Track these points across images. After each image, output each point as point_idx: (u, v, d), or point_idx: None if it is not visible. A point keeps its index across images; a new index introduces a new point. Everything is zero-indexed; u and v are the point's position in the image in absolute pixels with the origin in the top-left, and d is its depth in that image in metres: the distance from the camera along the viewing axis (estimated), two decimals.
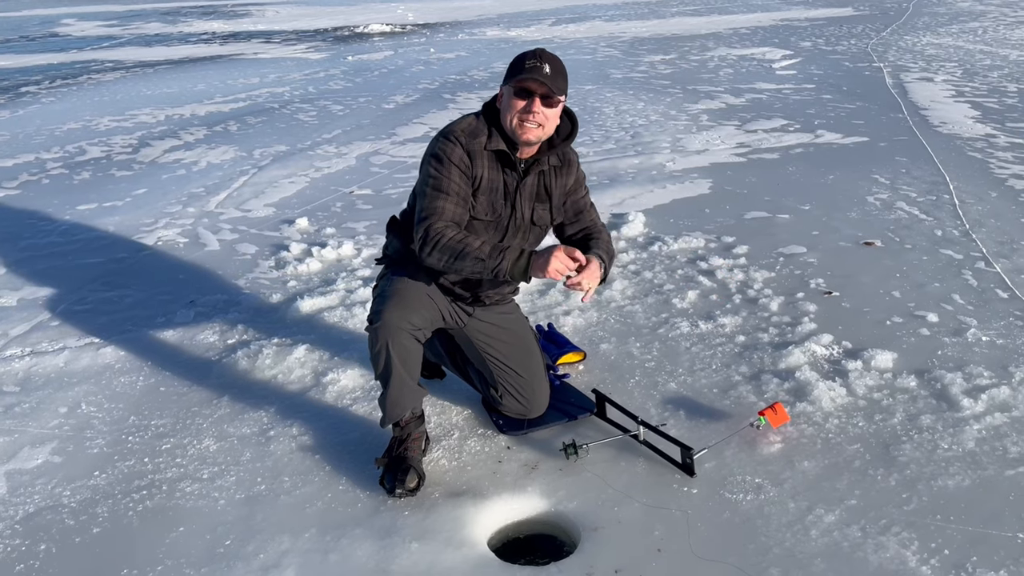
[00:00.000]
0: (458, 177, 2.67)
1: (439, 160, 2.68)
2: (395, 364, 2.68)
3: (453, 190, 2.66)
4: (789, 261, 4.53)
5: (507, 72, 2.71)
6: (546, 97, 2.66)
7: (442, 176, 2.66)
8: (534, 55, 2.66)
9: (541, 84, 2.62)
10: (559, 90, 2.67)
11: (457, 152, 2.67)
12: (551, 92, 2.64)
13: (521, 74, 2.63)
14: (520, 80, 2.63)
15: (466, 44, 17.68)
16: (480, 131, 2.72)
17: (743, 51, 14.34)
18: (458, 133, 2.70)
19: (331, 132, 8.89)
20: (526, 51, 2.71)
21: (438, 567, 2.36)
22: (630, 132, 8.18)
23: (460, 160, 2.68)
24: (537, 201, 2.85)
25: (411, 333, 2.69)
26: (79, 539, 2.57)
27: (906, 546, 2.34)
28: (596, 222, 2.98)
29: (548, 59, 2.67)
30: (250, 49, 18.27)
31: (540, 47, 2.73)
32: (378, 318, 2.68)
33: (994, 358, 3.35)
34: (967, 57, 12.63)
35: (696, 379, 3.31)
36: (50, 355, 3.80)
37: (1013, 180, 6.04)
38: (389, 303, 2.68)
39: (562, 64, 2.72)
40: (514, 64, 2.68)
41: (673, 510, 2.53)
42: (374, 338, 2.69)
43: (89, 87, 13.04)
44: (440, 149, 2.69)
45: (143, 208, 6.22)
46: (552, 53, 2.71)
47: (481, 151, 2.71)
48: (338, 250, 4.98)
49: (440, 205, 2.65)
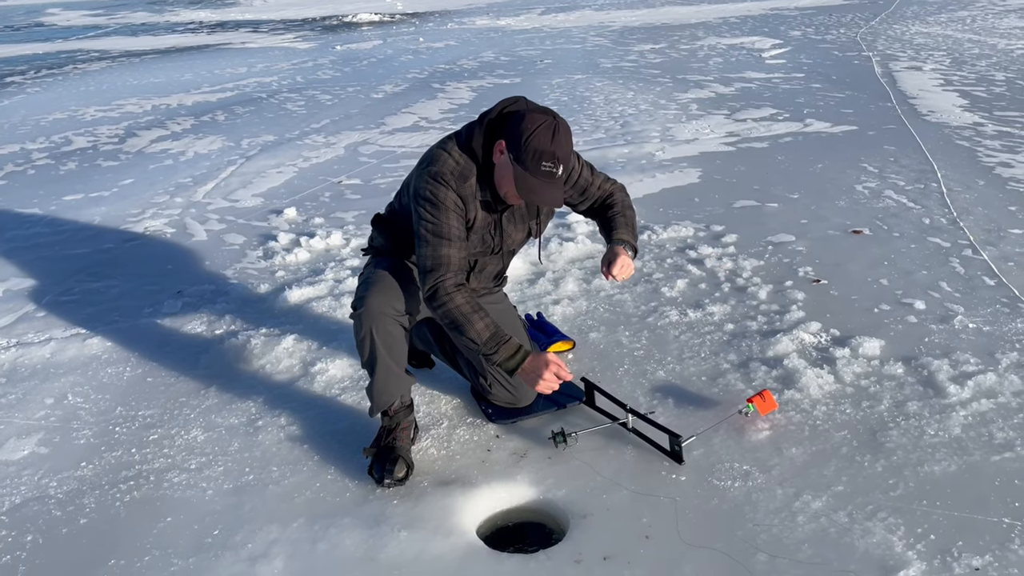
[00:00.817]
0: (455, 221, 2.63)
1: (434, 205, 2.60)
2: (380, 351, 2.67)
3: (454, 235, 2.62)
4: (778, 249, 4.53)
5: (514, 141, 2.50)
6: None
7: (440, 222, 2.60)
8: (553, 157, 2.47)
9: (550, 201, 2.57)
10: (560, 199, 2.61)
11: (451, 196, 2.60)
12: (553, 207, 2.63)
13: (532, 178, 2.50)
14: (529, 193, 2.53)
15: (455, 33, 17.61)
16: (468, 174, 2.63)
17: (733, 40, 14.33)
18: (447, 176, 2.60)
19: (319, 122, 8.85)
20: (543, 128, 2.47)
21: (427, 556, 2.36)
22: (620, 121, 8.17)
23: (455, 204, 2.62)
24: (529, 219, 2.87)
25: (395, 319, 2.68)
26: (66, 530, 2.55)
27: (892, 531, 2.35)
28: (604, 187, 2.94)
29: (563, 156, 2.50)
30: (238, 38, 18.15)
31: (558, 122, 2.50)
32: (361, 304, 2.67)
33: (980, 345, 3.37)
34: (955, 46, 12.66)
35: (685, 367, 3.31)
36: (36, 346, 3.78)
37: (1000, 168, 6.06)
38: (372, 289, 2.68)
39: (572, 148, 2.57)
40: (529, 149, 2.47)
41: (661, 497, 2.54)
42: (358, 324, 2.69)
43: (75, 77, 12.94)
44: (432, 193, 2.60)
45: (130, 198, 6.18)
46: (566, 130, 2.52)
47: (471, 195, 2.65)
48: (326, 240, 4.96)
49: (445, 254, 2.60)
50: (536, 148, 2.47)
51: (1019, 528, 2.34)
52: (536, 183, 2.51)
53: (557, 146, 2.48)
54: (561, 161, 2.51)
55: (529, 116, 2.51)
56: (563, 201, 2.71)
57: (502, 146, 2.56)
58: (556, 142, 2.48)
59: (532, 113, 2.52)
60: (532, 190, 2.53)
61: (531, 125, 2.49)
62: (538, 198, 2.56)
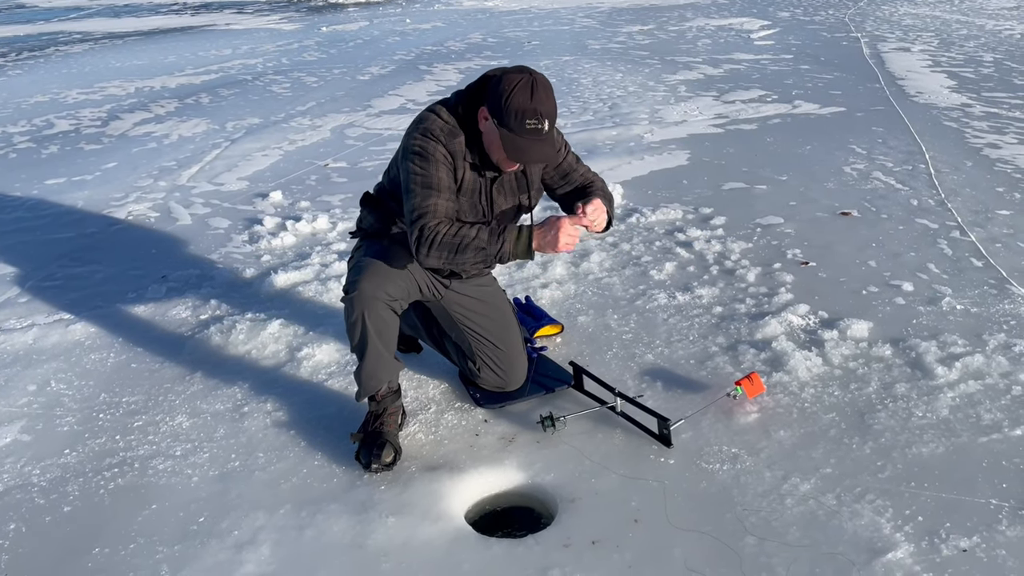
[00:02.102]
0: (445, 173, 2.59)
1: (423, 157, 2.57)
2: (371, 335, 2.65)
3: (443, 185, 2.58)
4: (766, 232, 4.52)
5: (494, 104, 2.47)
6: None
7: (429, 173, 2.57)
8: (535, 113, 2.42)
9: (541, 158, 2.52)
10: (553, 155, 2.57)
11: (440, 149, 2.58)
12: (548, 163, 2.58)
13: (519, 138, 2.46)
14: (518, 153, 2.49)
15: (442, 14, 17.46)
16: (457, 133, 2.60)
17: (721, 21, 14.27)
18: (436, 131, 2.58)
19: (305, 104, 8.76)
20: (521, 86, 2.43)
21: (415, 541, 2.35)
22: (608, 103, 8.12)
23: (444, 157, 2.59)
24: (519, 192, 2.81)
25: (387, 303, 2.66)
26: (49, 518, 2.53)
27: (880, 513, 2.35)
28: (586, 175, 2.91)
29: (547, 110, 2.45)
30: (222, 20, 17.95)
31: (535, 77, 2.46)
32: (354, 287, 2.64)
33: (968, 326, 3.37)
34: (944, 27, 12.65)
35: (673, 350, 3.30)
36: (18, 332, 3.73)
37: (988, 149, 6.07)
38: (365, 273, 2.65)
39: (554, 101, 2.51)
40: (510, 110, 2.44)
41: (650, 481, 2.53)
42: (350, 308, 2.66)
43: (57, 59, 12.76)
44: (421, 146, 2.58)
45: (113, 182, 6.11)
46: (544, 84, 2.47)
47: (461, 151, 2.61)
48: (313, 224, 4.91)
49: (432, 203, 2.56)
50: (517, 107, 2.43)
51: (1006, 509, 2.34)
52: (524, 142, 2.47)
53: (538, 102, 2.44)
54: (545, 116, 2.46)
55: (505, 77, 2.48)
56: (555, 157, 2.63)
57: (485, 112, 2.54)
58: (536, 98, 2.44)
59: (508, 74, 2.48)
60: (522, 150, 2.49)
61: (508, 86, 2.45)
62: (529, 157, 2.52)
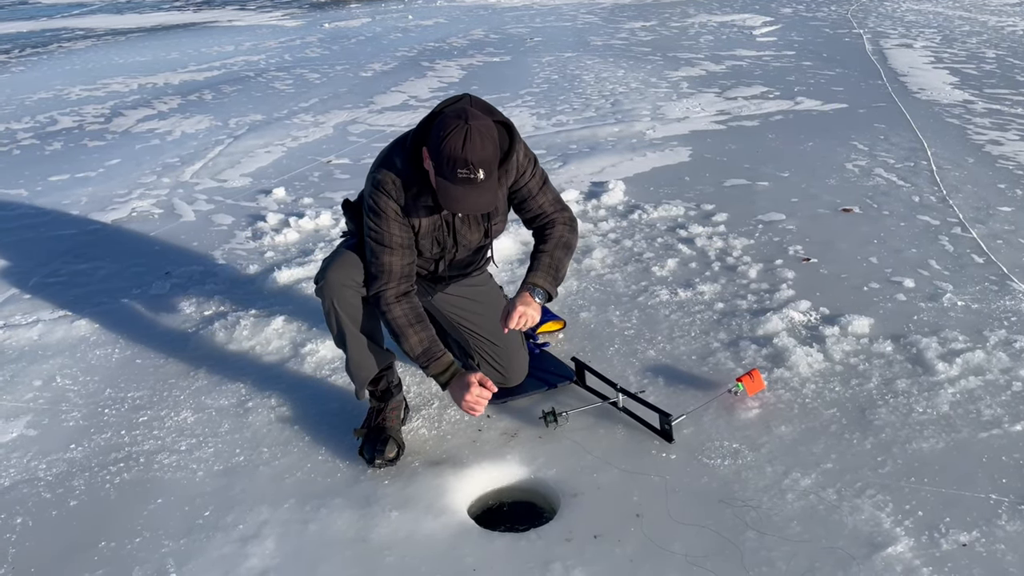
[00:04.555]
0: (397, 229, 2.61)
1: (376, 214, 2.59)
2: (345, 323, 2.67)
3: (395, 243, 2.61)
4: (768, 228, 4.53)
5: (432, 150, 2.39)
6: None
7: (382, 231, 2.60)
8: (466, 163, 2.33)
9: (475, 208, 2.47)
10: (491, 203, 2.49)
11: (391, 206, 2.58)
12: (486, 212, 2.58)
13: (453, 186, 2.38)
14: (452, 203, 2.43)
15: (445, 11, 17.45)
16: (410, 183, 2.56)
17: (724, 18, 14.25)
18: (388, 185, 2.56)
19: (308, 101, 8.77)
20: (455, 134, 2.32)
21: (418, 535, 2.36)
22: (610, 100, 8.13)
23: (395, 214, 2.59)
24: (483, 220, 2.76)
25: (356, 290, 2.67)
26: (56, 512, 2.55)
27: (881, 508, 2.36)
28: (545, 208, 2.79)
29: (480, 159, 2.34)
30: (224, 16, 17.95)
31: (469, 124, 2.33)
32: (322, 277, 2.68)
33: (969, 323, 3.38)
34: (946, 23, 12.63)
35: (675, 346, 3.31)
36: (23, 328, 3.75)
37: (990, 146, 6.06)
38: (333, 263, 2.69)
39: (494, 146, 2.40)
40: (443, 157, 2.35)
41: (652, 476, 2.55)
42: (321, 299, 2.69)
43: (60, 56, 12.78)
44: (375, 202, 2.58)
45: (116, 179, 6.13)
46: (480, 131, 2.35)
47: (412, 203, 2.60)
48: (316, 220, 4.93)
49: (386, 261, 2.62)
50: (449, 155, 2.34)
51: (1006, 504, 2.36)
52: (458, 191, 2.39)
53: (469, 151, 2.33)
54: (478, 165, 2.35)
55: (442, 121, 2.38)
56: (496, 204, 2.57)
57: (426, 153, 2.47)
58: (468, 147, 2.33)
59: (446, 118, 2.38)
60: (454, 199, 2.41)
61: (443, 132, 2.35)
62: (460, 206, 2.44)
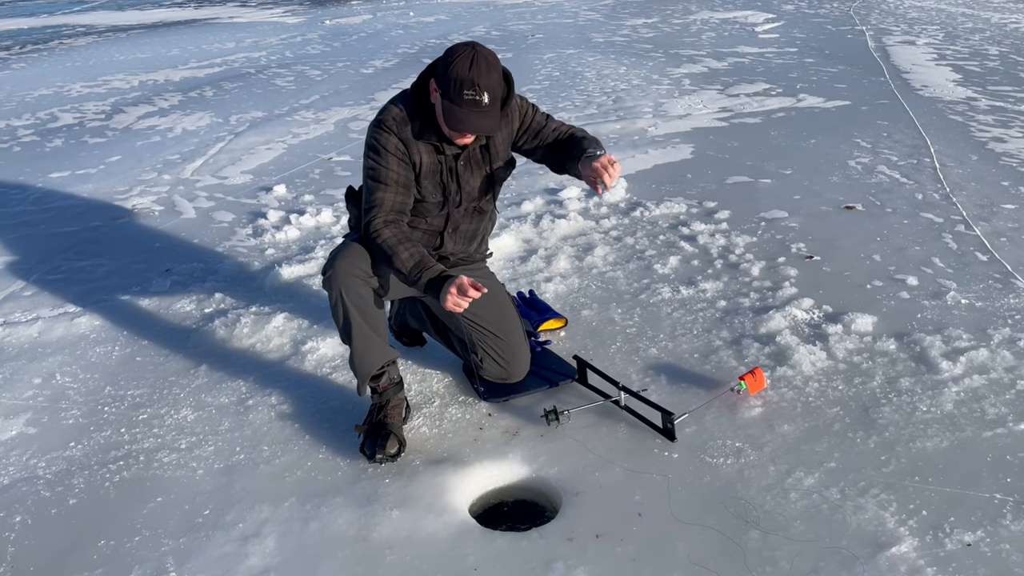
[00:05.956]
0: (396, 165, 2.64)
1: (375, 151, 2.65)
2: (352, 313, 2.66)
3: (392, 179, 2.64)
4: (771, 226, 4.51)
5: (440, 76, 2.51)
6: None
7: (380, 166, 2.64)
8: (473, 84, 2.45)
9: (477, 129, 2.54)
10: (495, 128, 2.57)
11: (392, 140, 2.63)
12: (488, 135, 2.59)
13: (458, 108, 2.48)
14: (456, 123, 2.52)
15: (446, 7, 17.43)
16: (411, 118, 2.64)
17: (726, 14, 14.22)
18: (389, 122, 2.64)
19: (309, 98, 8.76)
20: (461, 58, 2.46)
21: (419, 534, 2.35)
22: (612, 97, 8.11)
23: (396, 148, 2.64)
24: (484, 164, 2.81)
25: (364, 280, 2.67)
26: (55, 510, 2.53)
27: (884, 507, 2.35)
28: (560, 129, 2.89)
29: (486, 84, 2.47)
30: (225, 13, 17.93)
31: (476, 50, 2.48)
32: (329, 267, 2.67)
33: (973, 321, 3.37)
34: (949, 20, 12.60)
35: (677, 344, 3.30)
36: (23, 325, 3.74)
37: (993, 143, 6.05)
38: (341, 253, 2.69)
39: (499, 75, 2.53)
40: (449, 80, 2.47)
41: (654, 474, 2.53)
42: (328, 288, 2.68)
43: (60, 52, 12.77)
44: (375, 139, 2.65)
45: (117, 176, 6.11)
46: (487, 58, 2.49)
47: (413, 138, 2.65)
48: (316, 217, 4.92)
49: (379, 196, 2.64)
50: (456, 77, 2.46)
51: (1011, 504, 2.34)
52: (462, 113, 2.49)
53: (476, 73, 2.45)
54: (484, 88, 2.47)
55: (451, 49, 2.52)
56: (498, 131, 2.66)
57: (434, 84, 2.57)
58: (475, 69, 2.45)
59: (455, 46, 2.53)
60: (459, 120, 2.51)
61: (451, 57, 2.49)
62: (467, 127, 2.53)
